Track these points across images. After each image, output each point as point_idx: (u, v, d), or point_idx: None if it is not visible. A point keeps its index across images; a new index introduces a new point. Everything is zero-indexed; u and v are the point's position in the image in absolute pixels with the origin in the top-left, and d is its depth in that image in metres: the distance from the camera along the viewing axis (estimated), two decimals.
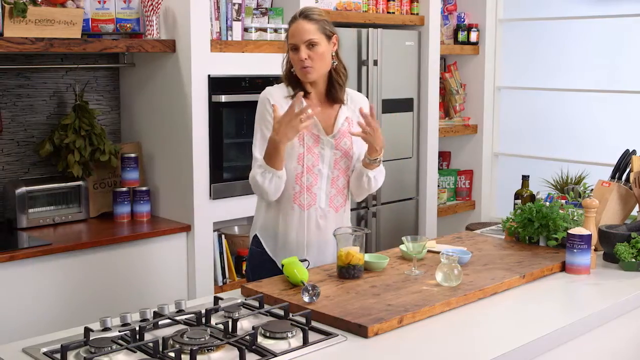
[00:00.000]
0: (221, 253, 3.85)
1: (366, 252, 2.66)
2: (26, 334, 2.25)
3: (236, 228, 4.06)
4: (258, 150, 2.69)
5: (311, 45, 2.67)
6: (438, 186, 5.15)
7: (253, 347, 1.94)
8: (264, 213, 2.82)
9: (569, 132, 5.19)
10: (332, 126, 2.77)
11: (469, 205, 5.38)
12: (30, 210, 3.52)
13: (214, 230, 3.79)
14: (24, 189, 3.49)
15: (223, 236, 3.87)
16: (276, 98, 2.72)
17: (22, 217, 3.49)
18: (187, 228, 3.65)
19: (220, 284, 3.84)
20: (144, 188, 3.78)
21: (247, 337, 1.96)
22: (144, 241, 3.55)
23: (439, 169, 5.31)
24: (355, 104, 2.84)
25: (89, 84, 3.84)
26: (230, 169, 3.76)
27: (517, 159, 5.34)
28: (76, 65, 3.74)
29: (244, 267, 3.91)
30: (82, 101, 3.67)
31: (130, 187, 3.77)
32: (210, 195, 3.70)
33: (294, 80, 2.75)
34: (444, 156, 5.46)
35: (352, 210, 4.32)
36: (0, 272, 3.06)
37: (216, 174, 3.71)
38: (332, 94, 2.79)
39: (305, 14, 2.71)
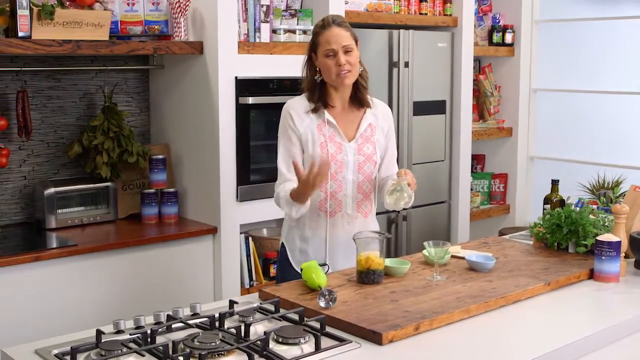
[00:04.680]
0: (248, 255, 3.84)
1: (396, 256, 2.64)
2: (50, 335, 2.23)
3: (265, 230, 4.04)
4: (283, 164, 2.75)
5: (347, 50, 2.70)
6: (472, 189, 5.08)
7: (264, 352, 1.92)
8: (290, 223, 2.86)
9: (607, 135, 5.09)
10: (355, 132, 2.78)
11: (504, 210, 5.29)
12: (59, 211, 3.55)
13: (241, 233, 3.78)
14: (52, 189, 3.52)
15: (250, 238, 3.86)
16: (298, 110, 2.77)
17: (51, 218, 3.53)
18: (213, 230, 3.64)
19: (247, 286, 3.82)
20: (171, 189, 3.79)
21: (259, 343, 1.93)
22: (171, 243, 3.55)
23: (473, 172, 5.24)
24: (378, 109, 2.88)
25: (119, 86, 3.87)
26: (257, 171, 3.74)
27: (553, 162, 5.23)
28: (105, 67, 3.76)
29: (271, 270, 3.89)
30: (111, 103, 3.69)
31: (158, 189, 3.78)
32: (237, 197, 3.68)
33: (318, 89, 2.76)
34: (478, 159, 5.38)
35: (382, 213, 4.33)
36: (26, 272, 3.09)
37: (243, 176, 3.70)
38: (358, 98, 2.81)
39: (337, 22, 2.74)
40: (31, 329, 3.06)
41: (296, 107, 2.78)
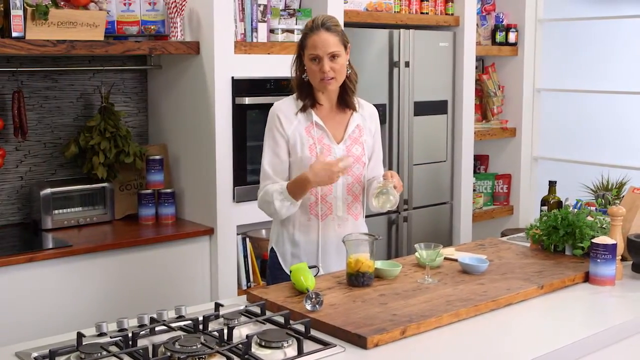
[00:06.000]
0: (245, 257, 3.81)
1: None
2: (44, 336, 2.19)
3: (263, 231, 4.01)
4: (269, 165, 2.74)
5: (333, 57, 2.66)
6: (475, 190, 5.03)
7: (245, 356, 1.89)
8: (279, 227, 2.82)
9: (612, 136, 5.04)
10: (343, 133, 2.76)
11: (507, 211, 5.24)
12: (55, 212, 3.53)
13: (239, 234, 3.76)
14: (48, 190, 3.51)
15: (247, 239, 3.83)
16: (286, 113, 2.74)
17: (47, 219, 3.51)
18: (210, 231, 3.62)
19: (245, 287, 3.80)
20: (168, 190, 3.77)
21: (240, 346, 1.91)
22: (167, 244, 3.53)
23: (476, 172, 5.20)
24: (364, 110, 2.85)
25: (116, 86, 3.85)
26: (254, 172, 3.70)
27: (557, 163, 5.17)
28: (102, 67, 3.75)
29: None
30: (108, 103, 3.68)
31: (155, 189, 3.76)
32: (233, 198, 3.66)
33: (305, 88, 2.74)
34: (481, 160, 5.33)
35: (384, 214, 4.30)
36: (21, 273, 3.08)
37: (240, 177, 3.68)
38: (345, 101, 2.78)
39: (326, 26, 2.68)
40: (26, 330, 3.04)
41: (284, 109, 2.75)
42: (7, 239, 3.41)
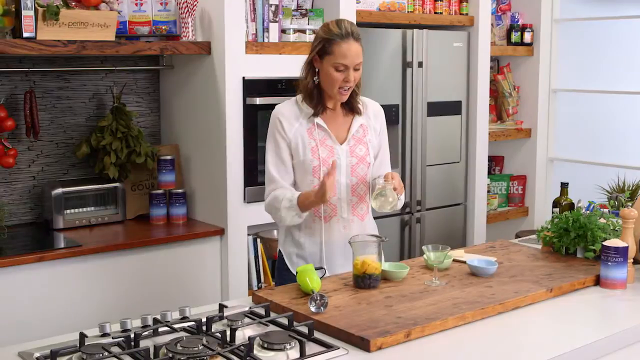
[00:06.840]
0: (256, 257, 3.81)
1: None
2: (52, 335, 2.19)
3: (274, 232, 4.00)
4: (274, 169, 2.72)
5: (357, 69, 2.65)
6: (489, 192, 4.99)
7: (247, 358, 1.88)
8: (285, 228, 2.81)
9: (629, 137, 4.98)
10: (346, 133, 2.73)
11: (522, 212, 5.19)
12: (67, 212, 3.55)
13: (249, 234, 3.75)
14: (60, 190, 3.52)
15: (258, 240, 3.83)
16: (287, 116, 2.72)
17: (59, 218, 3.53)
18: (220, 232, 3.62)
19: (255, 288, 3.79)
20: (180, 190, 3.77)
21: (242, 348, 1.90)
22: (178, 244, 3.53)
23: (491, 173, 5.16)
24: (368, 108, 2.82)
25: (129, 86, 3.86)
26: (264, 172, 3.70)
27: (573, 164, 5.12)
28: (114, 68, 3.76)
29: None
30: (120, 103, 3.69)
31: (167, 190, 3.76)
32: (244, 198, 3.66)
33: (316, 92, 2.70)
34: (496, 161, 5.29)
35: (395, 215, 4.28)
36: (30, 273, 3.09)
37: (250, 178, 3.67)
38: (350, 104, 2.76)
39: (355, 35, 2.64)
40: (35, 329, 3.05)
41: (285, 112, 2.73)
42: (19, 239, 3.42)
